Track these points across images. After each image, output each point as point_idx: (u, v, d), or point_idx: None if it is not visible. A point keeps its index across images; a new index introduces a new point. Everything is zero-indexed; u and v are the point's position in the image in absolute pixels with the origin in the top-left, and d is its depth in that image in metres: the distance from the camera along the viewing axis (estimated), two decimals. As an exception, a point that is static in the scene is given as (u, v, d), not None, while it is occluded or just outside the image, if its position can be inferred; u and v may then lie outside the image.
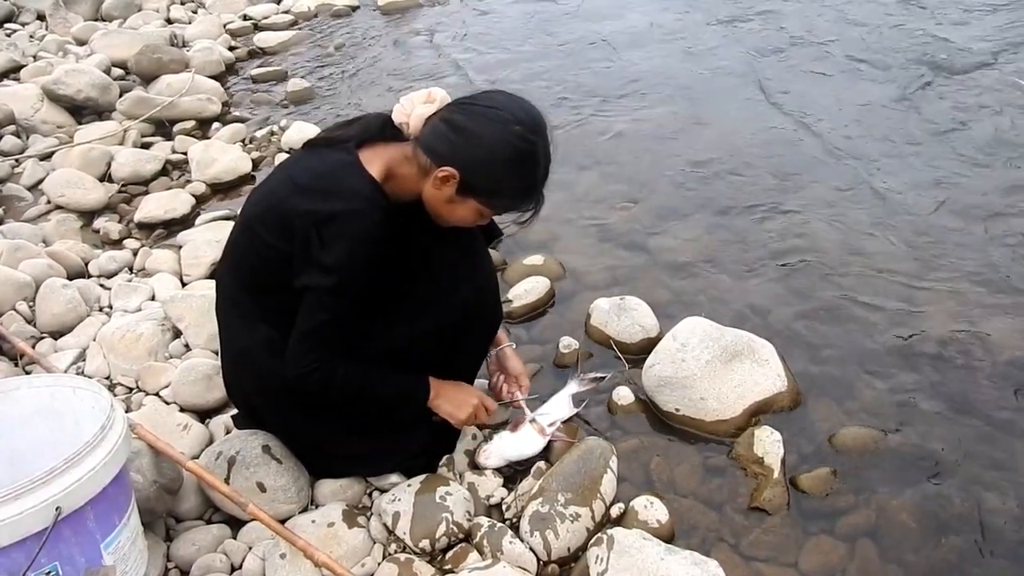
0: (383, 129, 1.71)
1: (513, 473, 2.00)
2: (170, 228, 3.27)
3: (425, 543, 1.76)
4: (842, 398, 2.21)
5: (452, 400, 1.89)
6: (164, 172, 3.72)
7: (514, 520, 1.86)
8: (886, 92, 4.04)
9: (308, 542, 1.68)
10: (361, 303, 1.66)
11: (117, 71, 4.67)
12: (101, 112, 4.22)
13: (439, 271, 1.81)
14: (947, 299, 2.57)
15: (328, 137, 1.75)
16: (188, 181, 3.61)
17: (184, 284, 2.84)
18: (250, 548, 1.81)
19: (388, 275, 1.68)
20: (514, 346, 2.12)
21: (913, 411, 2.15)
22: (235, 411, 2.09)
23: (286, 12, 5.99)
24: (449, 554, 1.78)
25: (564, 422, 2.09)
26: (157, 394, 2.31)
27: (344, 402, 1.77)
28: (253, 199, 1.77)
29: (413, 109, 1.67)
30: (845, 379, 2.27)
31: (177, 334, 2.51)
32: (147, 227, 3.28)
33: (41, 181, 3.52)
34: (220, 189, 3.59)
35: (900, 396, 2.20)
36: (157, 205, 3.33)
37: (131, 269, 3.00)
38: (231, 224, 2.29)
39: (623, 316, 2.43)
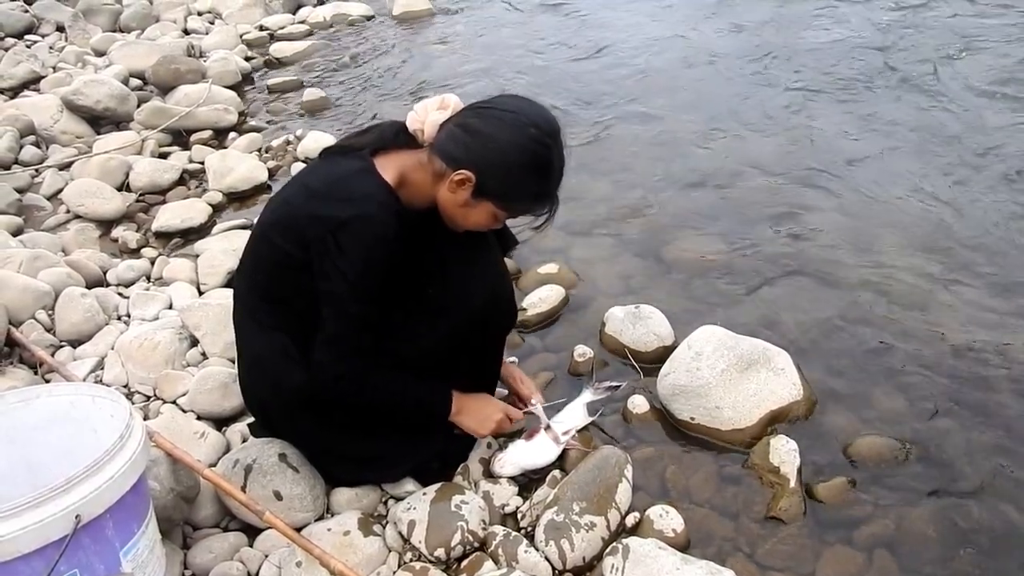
0: (397, 136, 1.72)
1: (528, 482, 2.00)
2: (187, 237, 3.30)
3: (440, 551, 1.76)
4: (858, 407, 2.19)
5: (475, 416, 1.91)
6: (181, 181, 3.76)
7: (529, 529, 1.86)
8: (900, 102, 4.03)
9: (324, 550, 1.69)
10: (379, 307, 1.67)
11: (135, 81, 4.74)
12: (119, 122, 4.27)
13: (452, 275, 1.81)
14: (965, 307, 2.55)
15: (343, 145, 1.77)
16: (205, 190, 3.65)
17: (201, 293, 2.87)
18: (266, 556, 1.82)
19: (403, 280, 1.69)
20: (515, 360, 2.11)
21: (930, 420, 2.13)
22: (251, 419, 2.10)
23: (302, 22, 6.06)
24: (464, 563, 1.78)
25: (579, 431, 2.09)
26: (174, 402, 2.33)
27: (368, 409, 1.78)
28: (269, 208, 1.79)
29: (427, 115, 1.69)
30: (861, 388, 2.25)
31: (194, 342, 2.52)
32: (164, 236, 3.31)
33: (60, 191, 3.57)
34: (237, 198, 3.63)
35: (917, 405, 2.18)
36: (174, 214, 3.36)
37: (148, 278, 3.03)
38: (247, 233, 2.31)
39: (638, 324, 2.42)
